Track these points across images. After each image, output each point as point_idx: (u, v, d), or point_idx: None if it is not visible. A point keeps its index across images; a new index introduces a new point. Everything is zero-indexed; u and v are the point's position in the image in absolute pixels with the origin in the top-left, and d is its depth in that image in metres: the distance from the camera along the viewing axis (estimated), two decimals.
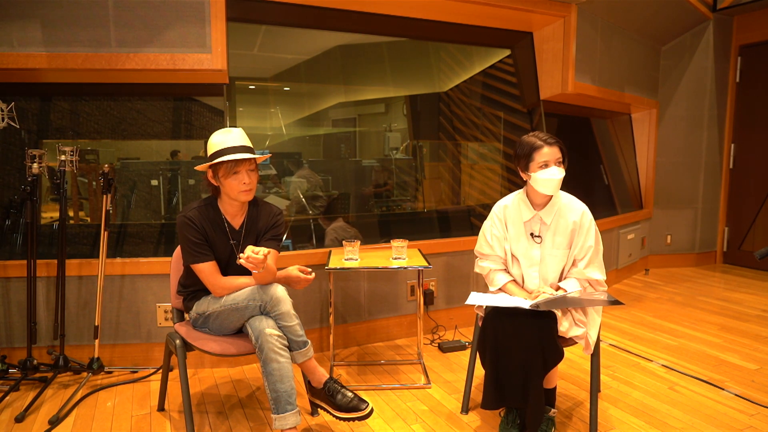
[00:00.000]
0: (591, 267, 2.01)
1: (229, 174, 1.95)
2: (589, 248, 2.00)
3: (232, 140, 1.97)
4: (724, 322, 3.47)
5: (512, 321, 1.88)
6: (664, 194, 5.04)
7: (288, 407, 1.86)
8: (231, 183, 1.96)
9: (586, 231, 2.01)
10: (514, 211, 2.10)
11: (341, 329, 3.05)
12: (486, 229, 2.16)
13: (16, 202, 2.74)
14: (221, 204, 2.06)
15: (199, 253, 1.97)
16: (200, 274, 2.01)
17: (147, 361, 2.74)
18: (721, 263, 5.18)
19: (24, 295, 2.59)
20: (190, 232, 1.97)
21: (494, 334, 1.90)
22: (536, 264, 2.05)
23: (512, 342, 1.86)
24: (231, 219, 2.07)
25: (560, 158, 1.97)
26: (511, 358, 1.86)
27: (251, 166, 1.99)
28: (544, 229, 2.04)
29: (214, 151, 1.97)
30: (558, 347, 1.89)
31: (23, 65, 2.42)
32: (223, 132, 2.00)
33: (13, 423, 2.17)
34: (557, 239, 2.03)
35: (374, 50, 3.81)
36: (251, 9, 2.85)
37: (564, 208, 2.04)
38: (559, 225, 2.03)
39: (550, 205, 2.03)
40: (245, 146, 1.99)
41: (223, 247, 2.05)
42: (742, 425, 2.16)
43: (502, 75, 3.95)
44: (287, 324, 1.94)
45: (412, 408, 2.33)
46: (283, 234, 2.17)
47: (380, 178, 3.91)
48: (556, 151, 1.97)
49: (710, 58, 4.81)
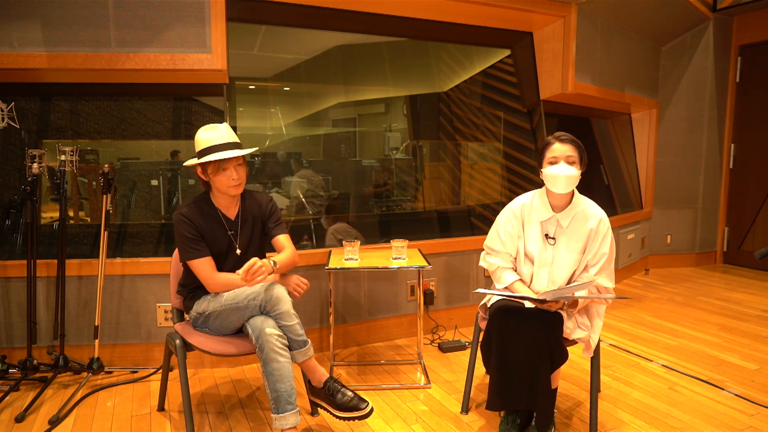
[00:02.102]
0: (602, 274, 2.00)
1: (218, 171, 1.97)
2: (602, 255, 1.99)
3: (219, 137, 1.98)
4: (724, 322, 3.47)
5: (518, 321, 1.88)
6: (664, 194, 5.04)
7: (288, 407, 1.86)
8: (220, 179, 1.99)
9: (602, 238, 1.99)
10: (532, 210, 2.07)
11: (341, 329, 3.05)
12: (500, 225, 2.13)
13: (16, 202, 2.74)
14: (214, 198, 2.09)
15: (194, 249, 1.99)
16: (196, 270, 2.01)
17: (147, 361, 2.74)
18: (721, 263, 5.18)
19: (24, 295, 2.59)
20: (184, 228, 1.99)
21: (500, 335, 1.89)
22: (547, 265, 2.04)
23: (519, 342, 1.85)
24: (225, 210, 2.10)
25: (572, 156, 1.95)
26: (519, 359, 1.85)
27: (239, 161, 2.01)
28: (560, 232, 2.03)
29: (202, 149, 1.99)
30: (563, 348, 1.89)
31: (23, 65, 2.42)
32: (209, 128, 2.01)
33: (13, 423, 2.17)
34: (572, 244, 2.01)
35: (374, 50, 3.81)
36: (251, 9, 2.85)
37: (582, 213, 2.02)
38: (576, 230, 2.01)
39: (569, 209, 2.01)
40: (232, 143, 2.00)
41: (221, 239, 2.07)
42: (742, 425, 2.16)
43: (502, 75, 3.95)
44: (287, 323, 1.94)
45: (412, 408, 2.33)
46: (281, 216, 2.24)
47: (380, 178, 3.91)
48: (567, 149, 1.96)
49: (710, 58, 4.81)
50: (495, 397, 1.88)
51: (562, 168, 1.94)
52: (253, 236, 2.16)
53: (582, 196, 2.07)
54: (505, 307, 1.93)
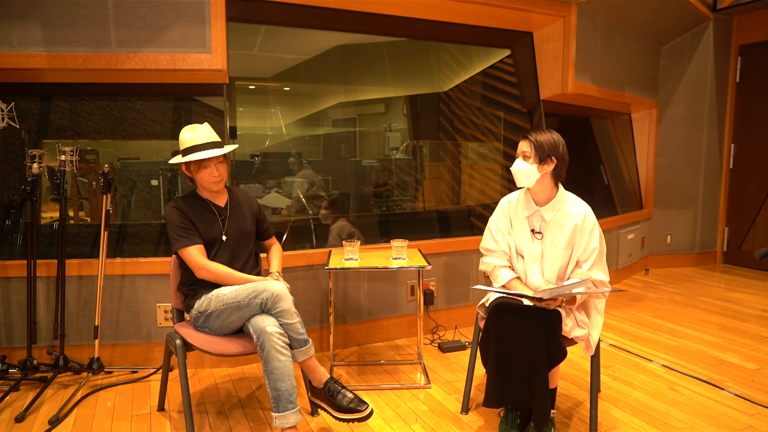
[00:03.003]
0: (595, 269, 2.01)
1: (200, 168, 2.12)
2: (593, 250, 2.00)
3: (200, 137, 2.11)
4: (724, 322, 3.47)
5: (517, 318, 1.89)
6: (664, 194, 5.04)
7: (289, 406, 1.87)
8: (202, 176, 2.13)
9: (590, 233, 2.01)
10: (518, 206, 2.14)
11: (341, 329, 3.05)
12: (491, 224, 2.20)
13: (16, 202, 2.74)
14: (201, 192, 2.24)
15: (185, 237, 2.08)
16: (186, 258, 2.09)
17: (147, 361, 2.74)
18: (721, 263, 5.18)
19: (24, 295, 2.59)
20: (175, 218, 2.09)
21: (498, 332, 1.90)
22: (537, 260, 2.07)
23: (517, 340, 1.86)
24: (214, 200, 2.22)
25: (526, 152, 2.02)
26: (516, 356, 1.86)
27: (220, 158, 2.14)
28: (545, 227, 2.06)
29: (185, 148, 2.12)
30: (562, 346, 1.90)
31: (23, 65, 2.42)
32: (191, 129, 2.14)
33: (13, 423, 2.17)
34: (557, 238, 2.04)
35: (374, 50, 3.81)
36: (251, 9, 2.85)
37: (566, 208, 2.05)
38: (559, 224, 2.04)
39: (552, 203, 2.05)
40: (213, 142, 2.13)
41: (212, 225, 2.16)
42: (742, 425, 2.16)
43: (502, 75, 3.95)
44: (288, 321, 1.95)
45: (412, 408, 2.33)
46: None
47: (380, 178, 3.91)
48: (523, 144, 2.04)
49: (710, 58, 4.81)
50: (492, 394, 1.89)
51: (516, 163, 2.03)
52: (243, 226, 2.25)
53: (567, 192, 2.11)
54: (503, 305, 1.94)
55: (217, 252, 2.15)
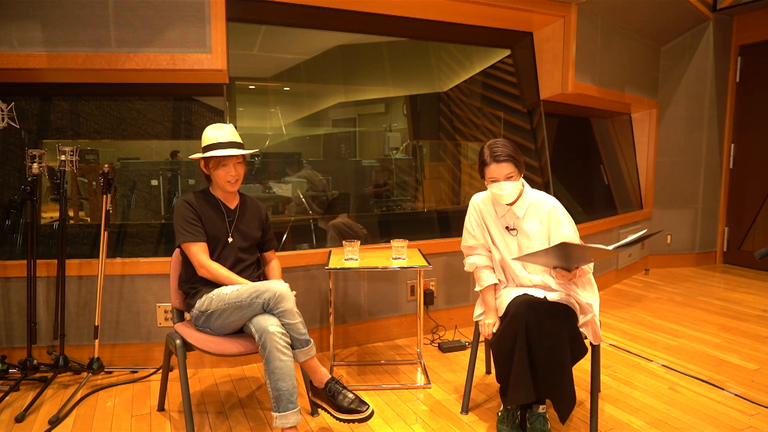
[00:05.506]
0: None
1: (218, 166, 2.14)
2: (569, 239, 2.04)
3: (223, 136, 2.15)
4: (724, 322, 3.47)
5: (543, 315, 1.91)
6: (664, 194, 5.03)
7: (289, 406, 1.87)
8: (219, 173, 2.15)
9: (562, 222, 2.08)
10: (488, 205, 2.21)
11: (341, 329, 3.05)
12: (466, 222, 2.28)
13: (16, 202, 2.74)
14: (214, 191, 2.25)
15: (191, 233, 2.09)
16: (189, 253, 2.11)
17: (147, 361, 2.74)
18: (721, 263, 5.18)
19: (24, 295, 2.59)
20: (184, 210, 2.12)
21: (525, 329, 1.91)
22: (516, 254, 2.14)
23: (543, 337, 1.89)
24: (225, 201, 2.23)
25: (510, 173, 2.02)
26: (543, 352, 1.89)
27: (239, 159, 2.17)
28: (519, 222, 2.14)
29: (206, 144, 2.15)
30: (582, 341, 1.96)
31: (23, 65, 2.42)
32: (216, 127, 2.18)
33: (13, 423, 2.17)
34: (533, 225, 2.11)
35: (374, 50, 3.81)
36: (251, 9, 2.85)
37: (535, 202, 2.13)
38: (533, 215, 2.12)
39: (522, 199, 2.13)
40: (234, 142, 2.17)
41: (219, 225, 2.18)
42: (742, 425, 2.16)
43: (502, 75, 3.95)
44: (290, 321, 1.95)
45: (412, 408, 2.33)
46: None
47: (380, 178, 3.91)
48: (504, 167, 2.02)
49: (710, 58, 4.81)
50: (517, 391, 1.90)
51: (504, 187, 2.04)
52: (249, 231, 2.26)
53: (532, 188, 2.18)
54: (528, 302, 1.96)
55: (221, 253, 2.16)
